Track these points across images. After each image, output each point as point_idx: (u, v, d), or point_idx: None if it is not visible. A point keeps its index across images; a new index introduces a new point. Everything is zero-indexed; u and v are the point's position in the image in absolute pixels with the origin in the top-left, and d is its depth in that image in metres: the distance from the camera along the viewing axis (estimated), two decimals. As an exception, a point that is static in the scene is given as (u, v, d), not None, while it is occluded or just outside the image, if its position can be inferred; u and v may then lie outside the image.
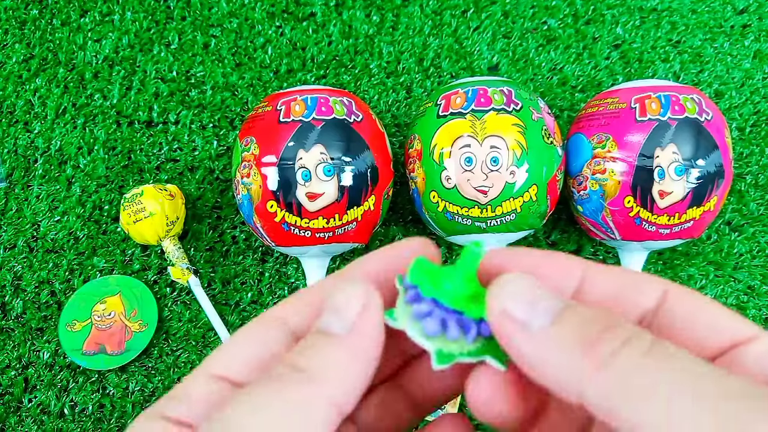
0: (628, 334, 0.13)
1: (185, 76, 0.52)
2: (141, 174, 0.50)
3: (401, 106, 0.52)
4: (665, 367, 0.12)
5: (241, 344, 0.16)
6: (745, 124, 0.51)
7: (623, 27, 0.53)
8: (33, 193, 0.50)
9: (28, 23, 0.54)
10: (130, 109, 0.51)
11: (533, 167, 0.39)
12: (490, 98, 0.39)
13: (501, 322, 0.15)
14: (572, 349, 0.13)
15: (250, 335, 0.17)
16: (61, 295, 0.47)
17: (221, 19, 0.54)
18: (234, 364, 0.16)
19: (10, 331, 0.46)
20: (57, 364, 0.45)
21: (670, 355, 0.13)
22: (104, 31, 0.54)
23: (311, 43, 0.53)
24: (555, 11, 0.54)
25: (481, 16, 0.54)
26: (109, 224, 0.49)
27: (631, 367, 0.13)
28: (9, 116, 0.52)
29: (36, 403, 0.44)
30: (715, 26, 0.53)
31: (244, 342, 0.17)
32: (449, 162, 0.39)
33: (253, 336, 0.17)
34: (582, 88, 0.52)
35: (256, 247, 0.48)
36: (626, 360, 0.13)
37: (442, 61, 0.53)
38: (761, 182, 0.49)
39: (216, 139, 0.51)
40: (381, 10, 0.54)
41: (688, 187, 0.38)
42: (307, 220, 0.39)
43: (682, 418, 0.11)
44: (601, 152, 0.40)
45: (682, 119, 0.38)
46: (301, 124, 0.39)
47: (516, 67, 0.52)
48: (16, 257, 0.48)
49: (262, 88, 0.52)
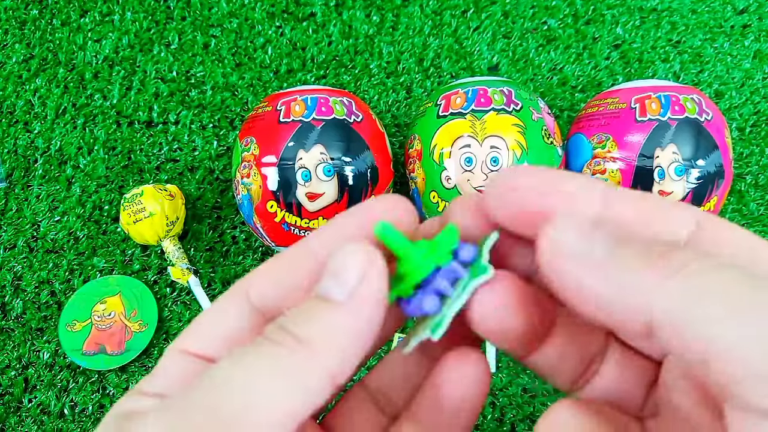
0: (690, 253, 0.12)
1: (185, 76, 0.52)
2: (141, 174, 0.50)
3: (401, 106, 0.52)
4: (743, 280, 0.11)
5: (213, 319, 0.16)
6: (745, 124, 0.51)
7: (623, 27, 0.53)
8: (33, 193, 0.50)
9: (28, 23, 0.54)
10: (130, 109, 0.51)
11: (533, 167, 0.39)
12: (490, 98, 0.39)
13: (556, 262, 0.13)
14: (639, 266, 0.12)
15: (223, 309, 0.16)
16: (61, 295, 0.47)
17: (221, 19, 0.54)
18: (207, 339, 0.16)
19: (10, 331, 0.46)
20: (57, 364, 0.45)
21: (747, 273, 0.11)
22: (104, 31, 0.54)
23: (311, 43, 0.53)
24: (555, 11, 0.54)
25: (481, 16, 0.54)
26: (109, 224, 0.49)
27: (703, 274, 0.12)
28: (9, 116, 0.52)
29: (36, 403, 0.44)
30: (715, 26, 0.53)
31: (217, 317, 0.16)
32: (449, 162, 0.39)
33: (225, 310, 0.16)
34: (582, 88, 0.52)
35: (256, 247, 0.48)
36: (698, 267, 0.12)
37: (442, 61, 0.53)
38: (761, 182, 0.49)
39: (216, 139, 0.51)
40: (381, 10, 0.54)
41: (688, 187, 0.38)
42: (307, 220, 0.39)
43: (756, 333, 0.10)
44: (601, 152, 0.40)
45: (682, 119, 0.38)
46: (301, 124, 0.39)
47: (516, 67, 0.52)
48: (16, 257, 0.48)
49: (262, 88, 0.52)
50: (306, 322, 0.14)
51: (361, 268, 0.14)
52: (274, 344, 0.14)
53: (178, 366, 0.15)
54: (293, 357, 0.13)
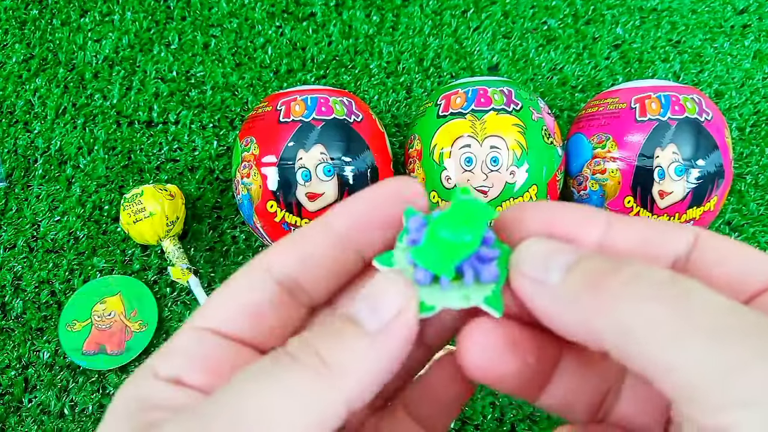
0: (637, 270, 0.13)
1: (185, 76, 0.52)
2: (141, 174, 0.50)
3: (401, 106, 0.52)
4: (680, 300, 0.12)
5: (232, 294, 0.16)
6: (745, 124, 0.51)
7: (623, 27, 0.53)
8: (33, 193, 0.50)
9: (28, 23, 0.54)
10: (130, 109, 0.51)
11: (533, 167, 0.39)
12: (490, 98, 0.39)
13: (521, 284, 0.14)
14: (583, 293, 0.13)
15: (238, 286, 0.16)
16: (61, 295, 0.47)
17: (221, 19, 0.54)
18: (223, 315, 0.15)
19: (10, 331, 0.46)
20: (57, 364, 0.45)
21: (686, 288, 0.12)
22: (104, 31, 0.54)
23: (311, 43, 0.53)
24: (555, 11, 0.54)
25: (481, 16, 0.54)
26: (109, 224, 0.49)
27: (640, 300, 0.12)
28: (9, 116, 0.52)
29: (36, 403, 0.44)
30: (715, 26, 0.53)
31: (232, 293, 0.16)
32: (449, 162, 0.39)
33: (245, 285, 0.16)
34: (582, 88, 0.52)
35: (256, 247, 0.48)
36: (635, 293, 0.12)
37: (442, 61, 0.53)
38: (761, 182, 0.49)
39: (216, 139, 0.51)
40: (381, 10, 0.54)
41: (688, 187, 0.38)
42: (307, 220, 0.39)
43: (692, 354, 0.11)
44: (601, 152, 0.40)
45: (682, 119, 0.38)
46: (301, 124, 0.39)
47: (516, 67, 0.52)
48: (16, 257, 0.48)
49: (262, 88, 0.52)
50: (335, 345, 0.13)
51: (399, 303, 0.14)
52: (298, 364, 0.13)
53: (195, 345, 0.15)
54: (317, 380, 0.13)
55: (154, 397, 0.14)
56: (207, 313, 0.15)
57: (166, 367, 0.15)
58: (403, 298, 0.14)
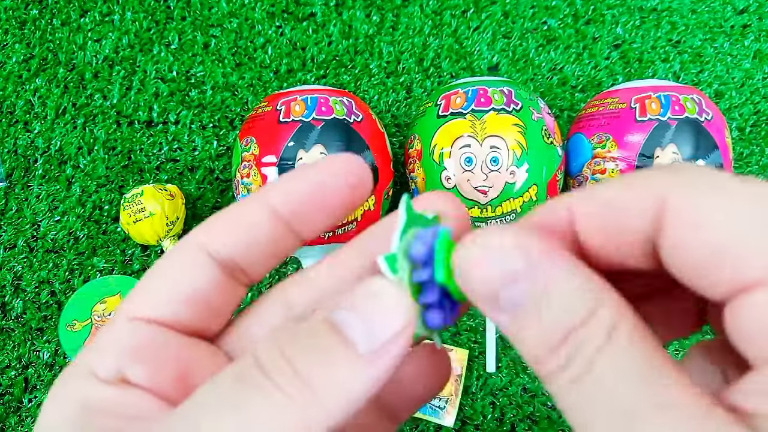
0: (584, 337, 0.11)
1: (185, 76, 0.52)
2: (141, 174, 0.50)
3: (401, 106, 0.52)
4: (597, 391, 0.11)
5: (168, 278, 0.14)
6: (745, 124, 0.51)
7: (623, 27, 0.53)
8: (33, 193, 0.50)
9: (28, 23, 0.54)
10: (130, 109, 0.52)
11: (533, 167, 0.39)
12: (490, 98, 0.39)
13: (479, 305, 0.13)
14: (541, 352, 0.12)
15: (177, 266, 0.14)
16: (61, 295, 0.47)
17: (221, 19, 0.54)
18: (164, 301, 0.14)
19: (10, 331, 0.46)
20: (57, 364, 0.45)
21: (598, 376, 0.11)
22: (104, 31, 0.54)
23: (311, 43, 0.53)
24: (555, 11, 0.54)
25: (481, 16, 0.54)
26: (109, 224, 0.49)
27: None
28: (9, 116, 0.52)
29: (36, 403, 0.44)
30: (715, 26, 0.53)
31: (172, 274, 0.14)
32: (449, 162, 0.39)
33: (180, 267, 0.14)
34: (582, 88, 0.52)
35: (256, 247, 0.48)
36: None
37: (442, 61, 0.53)
38: (761, 182, 0.49)
39: (216, 139, 0.51)
40: (381, 10, 0.54)
41: (688, 187, 0.38)
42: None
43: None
44: (601, 152, 0.40)
45: (682, 119, 0.38)
46: (301, 124, 0.39)
47: (516, 67, 0.52)
48: (16, 257, 0.48)
49: (262, 88, 0.52)
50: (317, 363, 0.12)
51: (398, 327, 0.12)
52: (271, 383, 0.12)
53: (129, 337, 0.13)
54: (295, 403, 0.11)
55: (99, 400, 0.13)
56: (142, 300, 0.14)
57: (104, 365, 0.13)
58: (404, 320, 0.13)
